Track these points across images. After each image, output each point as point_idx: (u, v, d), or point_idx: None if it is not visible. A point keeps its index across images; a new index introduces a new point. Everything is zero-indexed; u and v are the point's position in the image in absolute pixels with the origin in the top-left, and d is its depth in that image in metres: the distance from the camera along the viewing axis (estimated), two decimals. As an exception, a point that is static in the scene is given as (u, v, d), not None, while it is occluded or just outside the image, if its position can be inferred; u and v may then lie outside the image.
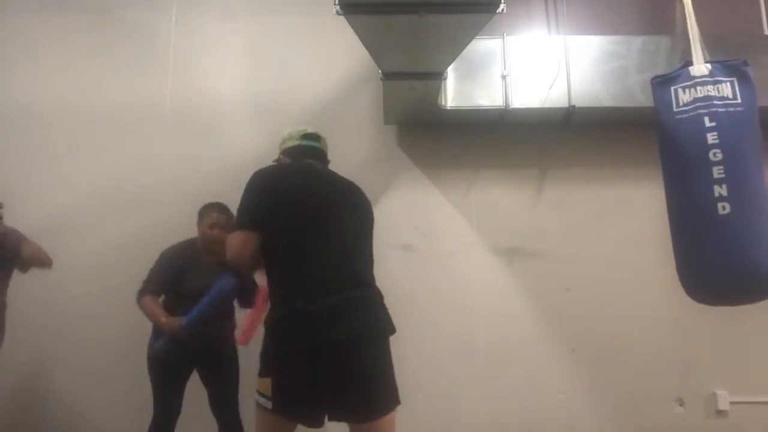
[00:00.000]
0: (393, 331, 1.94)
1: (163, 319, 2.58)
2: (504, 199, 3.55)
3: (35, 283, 3.03)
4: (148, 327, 2.76)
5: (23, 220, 2.86)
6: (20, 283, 2.80)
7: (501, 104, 3.26)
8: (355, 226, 2.02)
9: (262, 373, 1.83)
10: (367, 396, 1.82)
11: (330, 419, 1.84)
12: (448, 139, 3.55)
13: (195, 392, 2.77)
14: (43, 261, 2.71)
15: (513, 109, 3.27)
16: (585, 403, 3.35)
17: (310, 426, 1.86)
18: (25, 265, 2.75)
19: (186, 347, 2.61)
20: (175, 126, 3.58)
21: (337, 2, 2.14)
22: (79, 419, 3.28)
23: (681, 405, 3.35)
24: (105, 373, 3.25)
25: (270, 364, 1.82)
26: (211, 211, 2.74)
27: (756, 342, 3.38)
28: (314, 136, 2.16)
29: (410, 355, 3.32)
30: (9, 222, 2.79)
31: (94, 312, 3.28)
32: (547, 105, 3.27)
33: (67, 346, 3.31)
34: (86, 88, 3.60)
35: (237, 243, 1.85)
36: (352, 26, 2.29)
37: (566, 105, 3.25)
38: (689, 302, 2.55)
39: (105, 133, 3.56)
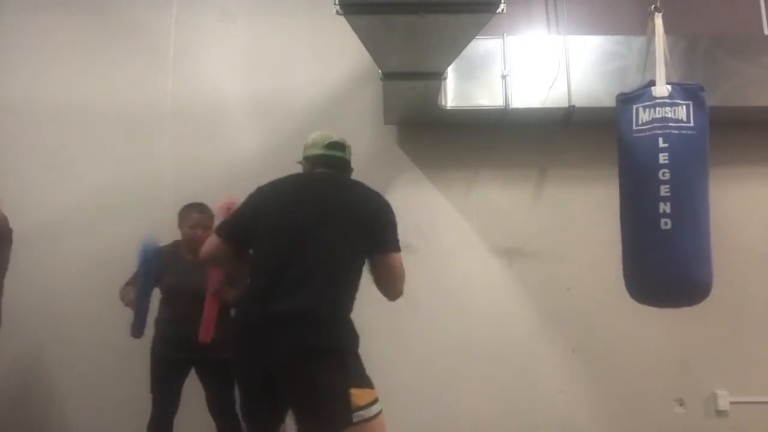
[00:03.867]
0: (339, 351, 1.86)
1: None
2: (504, 199, 3.55)
3: (34, 283, 3.03)
4: (149, 329, 2.76)
5: (22, 220, 2.85)
6: (20, 283, 2.80)
7: (501, 104, 3.26)
8: (335, 240, 1.93)
9: None
10: (303, 413, 1.84)
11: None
12: (448, 139, 3.55)
13: (195, 392, 2.77)
14: None
15: (513, 109, 3.26)
16: (585, 402, 3.35)
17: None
18: None
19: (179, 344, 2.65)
20: (175, 126, 3.58)
21: (337, 2, 2.14)
22: (78, 419, 3.29)
23: (681, 405, 3.35)
24: (105, 373, 3.25)
25: None
26: (192, 211, 2.78)
27: (756, 342, 3.38)
28: (338, 146, 2.15)
29: (410, 354, 3.34)
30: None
31: (94, 312, 3.27)
32: (547, 105, 3.26)
33: (66, 346, 3.31)
34: (86, 87, 3.59)
35: (207, 246, 2.05)
36: (352, 26, 2.28)
37: (566, 105, 3.24)
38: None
39: (104, 133, 3.56)
